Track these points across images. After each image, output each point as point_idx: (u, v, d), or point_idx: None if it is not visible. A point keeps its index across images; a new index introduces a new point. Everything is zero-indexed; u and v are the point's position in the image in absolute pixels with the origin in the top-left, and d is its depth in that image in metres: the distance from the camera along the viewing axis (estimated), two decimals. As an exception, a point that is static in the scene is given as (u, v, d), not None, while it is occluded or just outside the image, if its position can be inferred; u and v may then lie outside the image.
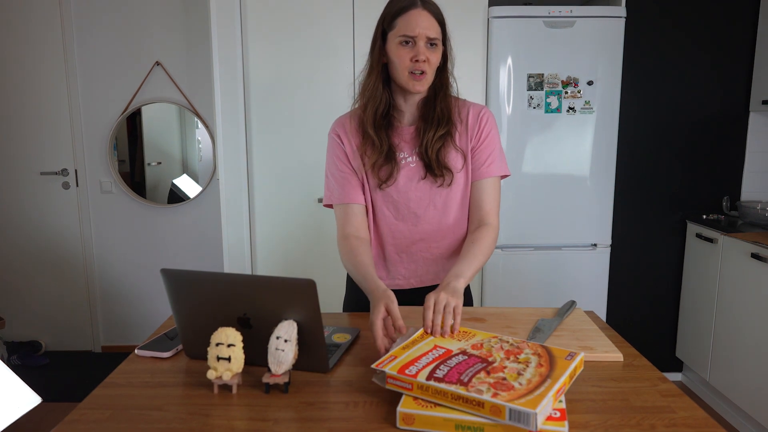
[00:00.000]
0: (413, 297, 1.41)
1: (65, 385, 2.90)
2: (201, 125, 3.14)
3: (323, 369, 1.03)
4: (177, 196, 3.21)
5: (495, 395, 0.81)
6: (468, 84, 2.41)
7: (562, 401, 0.86)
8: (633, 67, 2.71)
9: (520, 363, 0.92)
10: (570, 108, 2.45)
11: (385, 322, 1.09)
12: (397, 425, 0.85)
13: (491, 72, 2.43)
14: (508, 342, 1.01)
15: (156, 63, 3.09)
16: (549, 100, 2.44)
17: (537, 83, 2.44)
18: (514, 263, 2.55)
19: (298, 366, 1.00)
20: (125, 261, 3.28)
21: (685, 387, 2.91)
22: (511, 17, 2.39)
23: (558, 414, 0.82)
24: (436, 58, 1.27)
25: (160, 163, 3.18)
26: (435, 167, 1.32)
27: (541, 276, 2.56)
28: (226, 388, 0.97)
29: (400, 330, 1.07)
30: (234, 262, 2.51)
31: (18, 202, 3.20)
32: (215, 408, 0.91)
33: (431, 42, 1.25)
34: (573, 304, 1.34)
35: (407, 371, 0.89)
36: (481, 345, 1.00)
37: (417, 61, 1.24)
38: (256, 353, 1.00)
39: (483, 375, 0.88)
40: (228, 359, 0.93)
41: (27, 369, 3.08)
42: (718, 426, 0.85)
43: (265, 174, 2.50)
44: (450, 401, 0.83)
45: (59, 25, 3.04)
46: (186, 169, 3.20)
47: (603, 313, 2.62)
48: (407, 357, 0.94)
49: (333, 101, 2.40)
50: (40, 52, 3.07)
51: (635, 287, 2.91)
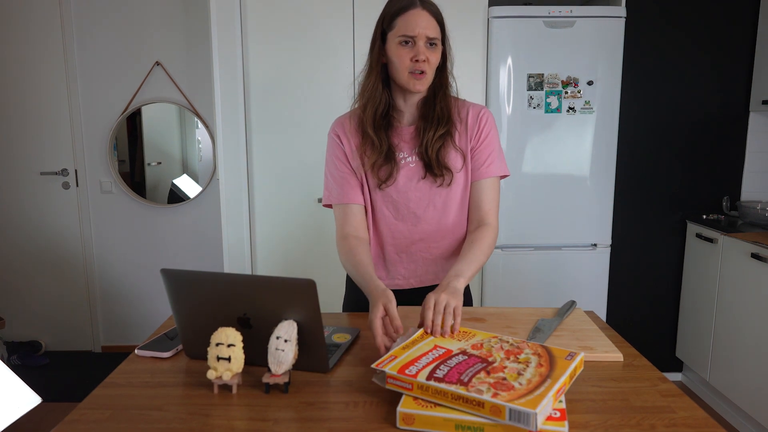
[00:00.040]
0: (413, 297, 1.41)
1: (65, 385, 2.90)
2: (201, 125, 3.14)
3: (323, 369, 1.03)
4: (177, 196, 3.21)
5: (495, 395, 0.81)
6: (468, 84, 2.41)
7: (562, 401, 0.86)
8: (633, 67, 2.71)
9: (520, 363, 0.92)
10: (570, 108, 2.45)
11: (384, 321, 1.09)
12: (397, 425, 0.85)
13: (491, 72, 2.44)
14: (508, 342, 1.01)
15: (156, 63, 3.09)
16: (549, 100, 2.44)
17: (537, 83, 2.44)
18: (514, 263, 2.55)
19: (298, 366, 1.00)
20: (125, 261, 3.28)
21: (685, 387, 2.91)
22: (511, 17, 2.40)
23: (558, 414, 0.82)
24: (435, 57, 1.28)
25: (160, 163, 3.18)
26: (435, 167, 1.32)
27: (541, 276, 2.56)
28: (226, 388, 0.97)
29: (398, 330, 1.07)
30: (234, 262, 2.51)
31: (18, 202, 3.20)
32: (215, 408, 0.91)
33: (431, 42, 1.26)
34: (573, 304, 1.34)
35: (407, 371, 0.89)
36: (481, 345, 1.00)
37: (417, 61, 1.24)
38: (256, 353, 1.00)
39: (483, 375, 0.88)
40: (228, 359, 0.93)
41: (27, 369, 3.08)
42: (718, 426, 0.85)
43: (265, 174, 2.50)
44: (450, 401, 0.83)
45: (59, 25, 3.04)
46: (186, 169, 3.20)
47: (603, 313, 2.62)
48: (407, 357, 0.94)
49: (333, 101, 2.40)
50: (40, 52, 3.07)
51: (635, 287, 2.91)
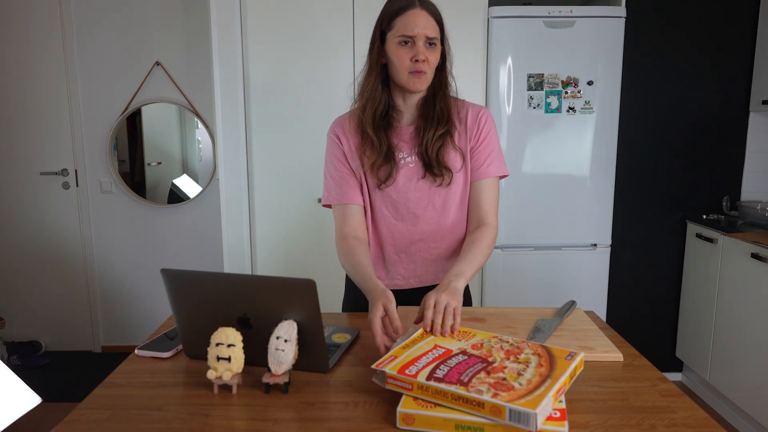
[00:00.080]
0: (412, 297, 1.40)
1: (65, 385, 2.90)
2: (201, 125, 3.14)
3: (323, 369, 1.03)
4: (177, 196, 3.21)
5: (495, 395, 0.81)
6: (468, 84, 2.41)
7: (562, 401, 0.86)
8: (633, 67, 2.71)
9: (520, 363, 0.92)
10: (570, 108, 2.45)
11: (384, 321, 1.09)
12: (397, 425, 0.85)
13: (491, 72, 2.43)
14: (508, 342, 1.01)
15: (156, 63, 3.09)
16: (549, 100, 2.44)
17: (537, 83, 2.44)
18: (514, 263, 2.55)
19: (298, 366, 1.00)
20: (125, 261, 3.28)
21: (685, 387, 2.91)
22: (511, 17, 2.39)
23: (558, 414, 0.82)
24: (435, 57, 1.28)
25: (160, 163, 3.18)
26: (435, 166, 1.32)
27: (541, 276, 2.56)
28: (226, 388, 0.97)
29: (397, 331, 1.07)
30: (234, 262, 2.51)
31: (18, 202, 3.20)
32: (215, 408, 0.91)
33: (430, 41, 1.26)
34: (573, 304, 1.34)
35: (407, 371, 0.89)
36: (481, 345, 1.00)
37: (416, 61, 1.24)
38: (256, 353, 1.00)
39: (483, 375, 0.88)
40: (228, 359, 0.93)
41: (27, 369, 3.08)
42: (718, 426, 0.85)
43: (265, 174, 2.50)
44: (450, 401, 0.83)
45: (59, 25, 3.04)
46: (186, 169, 3.20)
47: (603, 313, 2.62)
48: (407, 357, 0.94)
49: (333, 101, 2.40)
50: (40, 52, 3.07)
51: (635, 287, 2.91)
